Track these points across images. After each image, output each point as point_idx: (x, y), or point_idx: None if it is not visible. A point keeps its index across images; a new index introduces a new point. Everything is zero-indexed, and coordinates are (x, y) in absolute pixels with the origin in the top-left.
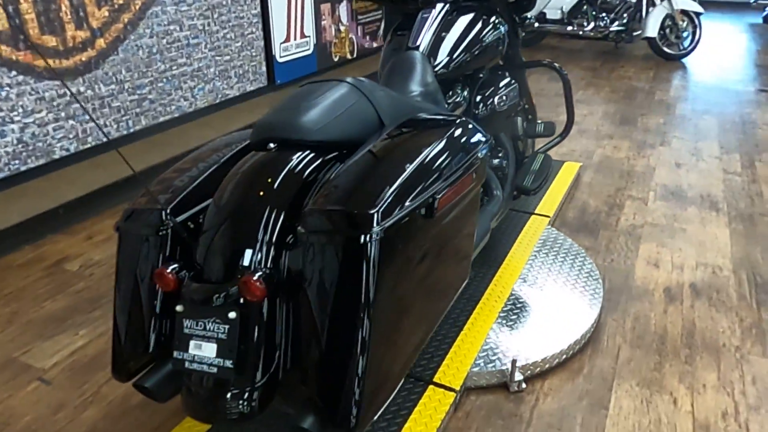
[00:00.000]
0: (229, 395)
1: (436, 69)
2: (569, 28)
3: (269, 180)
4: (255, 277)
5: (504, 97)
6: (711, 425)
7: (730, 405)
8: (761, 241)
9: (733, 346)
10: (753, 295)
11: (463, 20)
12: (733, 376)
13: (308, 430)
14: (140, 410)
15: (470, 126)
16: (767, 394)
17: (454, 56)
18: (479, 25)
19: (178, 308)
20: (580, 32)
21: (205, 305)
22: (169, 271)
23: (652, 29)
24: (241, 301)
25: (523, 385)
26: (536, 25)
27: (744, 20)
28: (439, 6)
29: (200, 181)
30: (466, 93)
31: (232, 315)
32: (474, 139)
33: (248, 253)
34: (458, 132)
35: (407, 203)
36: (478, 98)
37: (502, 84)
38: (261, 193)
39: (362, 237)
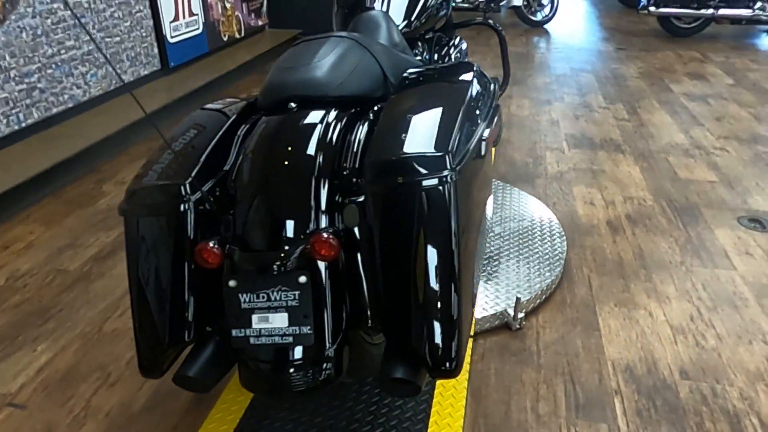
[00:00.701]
0: (310, 363)
1: (399, 28)
2: None
3: (307, 139)
4: (326, 235)
5: (458, 55)
6: (684, 328)
7: (694, 309)
8: (665, 174)
9: (678, 261)
10: (677, 217)
11: None
12: (687, 286)
13: (404, 380)
14: (148, 414)
15: (480, 69)
16: (717, 295)
17: (414, 16)
18: None
19: (231, 283)
20: (452, 3)
21: (265, 275)
22: (212, 245)
23: None
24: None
25: (524, 323)
26: None
27: None
28: None
29: (211, 150)
30: (425, 52)
31: (302, 279)
32: (489, 81)
33: (304, 215)
34: (477, 76)
35: (467, 144)
36: (436, 56)
37: (452, 43)
38: (302, 154)
39: (441, 179)
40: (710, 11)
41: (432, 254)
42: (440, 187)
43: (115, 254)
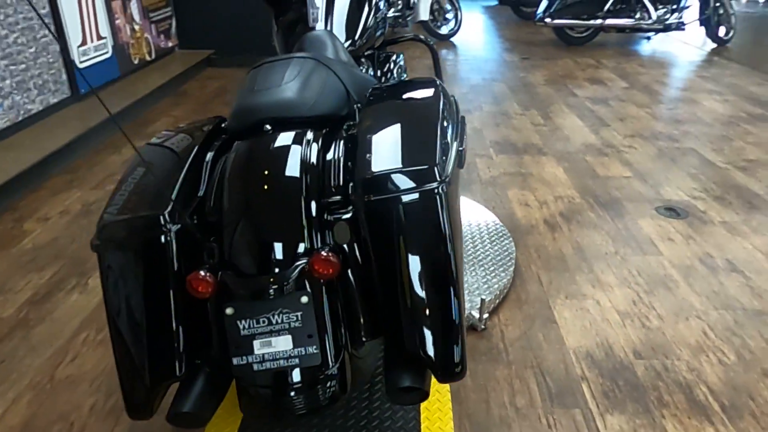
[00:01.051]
0: (316, 383)
1: (346, 47)
2: None
3: (290, 160)
4: (325, 253)
5: (399, 70)
6: (629, 312)
7: (634, 294)
8: (586, 172)
9: (612, 252)
10: (604, 212)
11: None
12: (624, 274)
13: (412, 387)
14: None
15: (443, 84)
16: (652, 279)
17: (357, 35)
18: (373, 3)
19: (229, 311)
20: (389, 22)
21: (263, 299)
22: (204, 273)
23: (424, 13)
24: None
25: (488, 323)
26: None
27: (479, 3)
28: None
29: (183, 178)
30: (369, 69)
31: (304, 299)
32: (451, 95)
33: (297, 235)
34: (442, 91)
35: (450, 156)
36: (379, 73)
37: (392, 59)
38: (287, 174)
39: (433, 191)
40: (599, 21)
41: (430, 262)
42: (432, 198)
43: (52, 295)
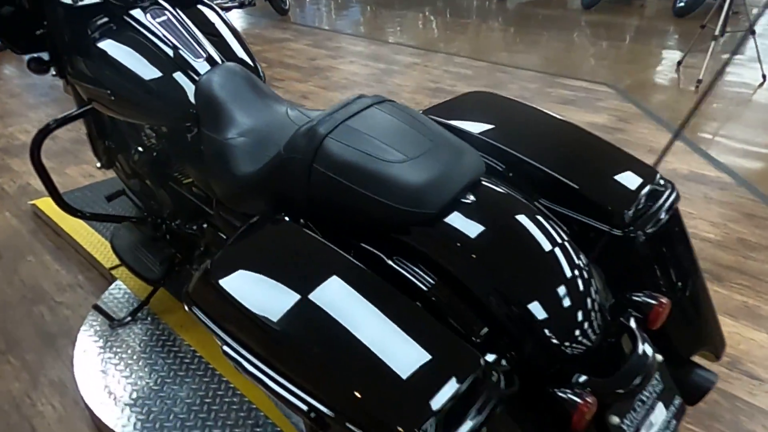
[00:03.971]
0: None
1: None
2: None
3: (539, 227)
4: (660, 301)
5: None
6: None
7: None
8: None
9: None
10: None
11: (195, 12)
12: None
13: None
14: None
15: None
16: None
17: (252, 62)
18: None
19: (614, 420)
20: None
21: (635, 387)
22: (586, 399)
23: None
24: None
25: None
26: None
27: None
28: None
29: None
30: None
31: (659, 358)
32: None
33: (599, 296)
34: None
35: None
36: None
37: None
38: (555, 242)
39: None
40: None
41: (696, 261)
42: (676, 207)
43: None
